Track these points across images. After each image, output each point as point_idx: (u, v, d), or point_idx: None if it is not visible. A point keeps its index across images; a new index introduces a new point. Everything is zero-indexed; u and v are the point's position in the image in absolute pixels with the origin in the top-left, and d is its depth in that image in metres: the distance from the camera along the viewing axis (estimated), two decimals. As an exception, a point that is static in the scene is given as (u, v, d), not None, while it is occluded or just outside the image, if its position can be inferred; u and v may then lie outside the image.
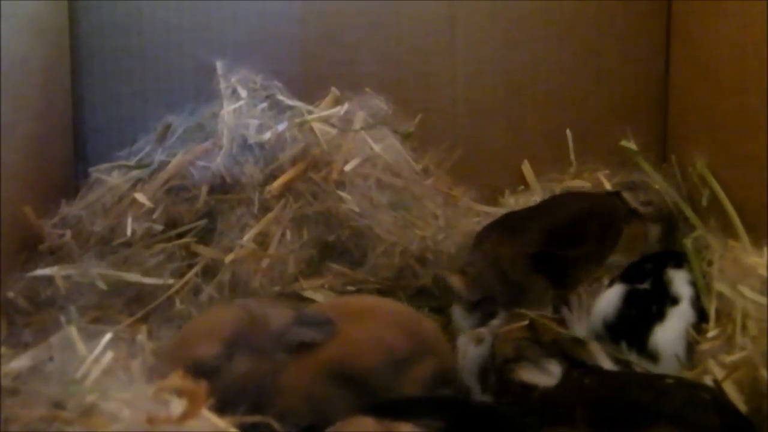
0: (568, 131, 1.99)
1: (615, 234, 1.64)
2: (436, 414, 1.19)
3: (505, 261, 1.56)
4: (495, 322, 1.51)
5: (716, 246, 1.57)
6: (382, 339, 1.34)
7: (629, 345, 1.48)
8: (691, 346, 1.45)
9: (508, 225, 1.63)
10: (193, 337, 1.33)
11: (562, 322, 1.52)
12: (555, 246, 1.57)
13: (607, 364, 1.42)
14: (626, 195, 1.80)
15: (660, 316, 1.50)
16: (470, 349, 1.46)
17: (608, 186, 1.89)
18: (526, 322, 1.42)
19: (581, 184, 1.93)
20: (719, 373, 1.33)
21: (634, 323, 1.50)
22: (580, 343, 1.44)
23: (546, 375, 1.33)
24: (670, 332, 1.48)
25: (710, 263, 1.55)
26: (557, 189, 1.93)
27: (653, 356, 1.46)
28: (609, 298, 1.55)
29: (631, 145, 1.89)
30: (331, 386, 1.29)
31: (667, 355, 1.45)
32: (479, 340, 1.46)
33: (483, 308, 1.54)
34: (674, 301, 1.52)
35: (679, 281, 1.55)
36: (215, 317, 1.38)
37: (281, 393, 1.28)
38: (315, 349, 1.30)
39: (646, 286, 1.56)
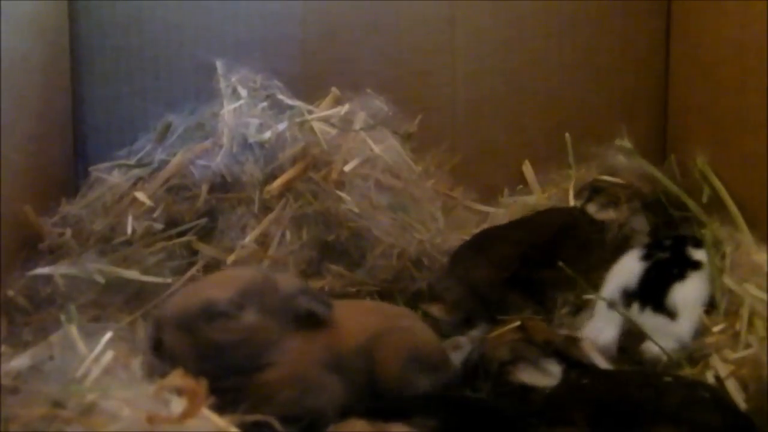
0: (567, 135, 1.99)
1: (588, 253, 1.65)
2: (430, 413, 1.19)
3: (480, 284, 1.57)
4: (474, 332, 1.52)
5: (728, 240, 1.56)
6: (364, 322, 1.36)
7: (644, 303, 1.47)
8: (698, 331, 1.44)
9: (482, 246, 1.64)
10: (207, 283, 1.35)
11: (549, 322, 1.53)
12: (529, 267, 1.59)
13: (600, 361, 1.42)
14: (591, 205, 1.80)
15: (681, 277, 1.49)
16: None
17: (572, 197, 1.88)
18: (517, 323, 1.42)
19: (546, 202, 1.91)
20: (723, 369, 1.32)
21: (652, 282, 1.50)
22: (573, 341, 1.43)
23: (545, 375, 1.33)
24: (690, 290, 1.47)
25: (723, 256, 1.53)
26: (557, 189, 1.94)
27: (671, 312, 1.45)
28: (627, 264, 1.55)
29: (626, 143, 1.89)
30: (321, 369, 1.30)
31: (686, 313, 1.45)
32: (456, 348, 1.47)
33: (466, 324, 1.56)
34: (695, 265, 1.52)
35: (700, 254, 1.54)
36: (231, 272, 1.42)
37: (277, 362, 1.27)
38: (311, 333, 1.30)
39: (666, 255, 1.56)
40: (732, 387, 1.30)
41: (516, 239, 1.64)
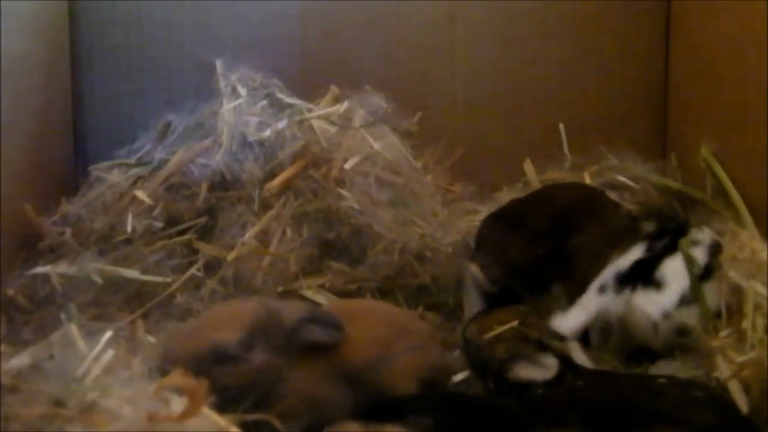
0: (561, 126, 1.98)
1: (604, 221, 1.65)
2: (424, 412, 1.18)
3: (517, 261, 1.58)
4: None
5: (731, 234, 1.54)
6: (375, 336, 1.35)
7: (635, 283, 1.46)
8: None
9: (511, 223, 1.63)
10: (213, 322, 1.31)
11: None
12: (559, 238, 1.58)
13: (582, 359, 1.40)
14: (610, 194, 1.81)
15: (672, 251, 1.48)
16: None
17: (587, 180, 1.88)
18: (515, 323, 1.41)
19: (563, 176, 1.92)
20: (725, 370, 1.31)
21: (645, 263, 1.50)
22: (561, 339, 1.41)
23: (542, 369, 1.33)
24: (680, 262, 1.46)
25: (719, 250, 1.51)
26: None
27: (658, 284, 1.45)
28: (628, 255, 1.54)
29: (609, 157, 1.89)
30: (330, 385, 1.30)
31: (673, 283, 1.44)
32: None
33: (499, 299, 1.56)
34: (692, 243, 1.50)
35: (701, 234, 1.53)
36: (234, 307, 1.37)
37: (286, 393, 1.27)
38: (319, 351, 1.30)
39: (665, 241, 1.55)
40: (735, 388, 1.28)
41: (539, 213, 1.64)
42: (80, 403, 1.01)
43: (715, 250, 1.50)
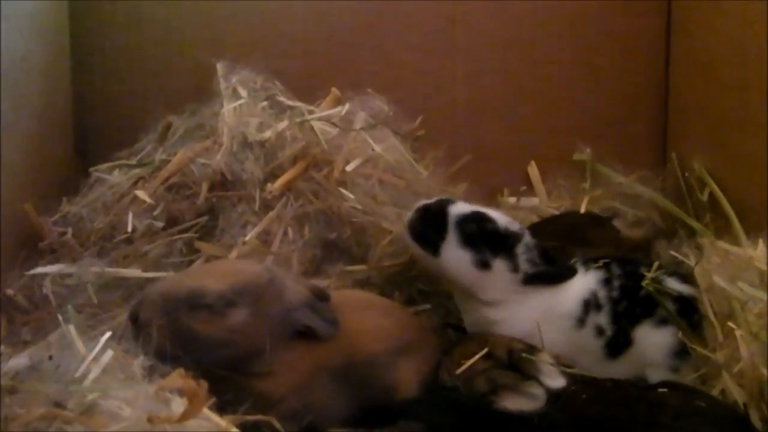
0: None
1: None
2: (416, 416, 1.18)
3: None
4: None
5: (709, 244, 1.53)
6: (382, 328, 1.35)
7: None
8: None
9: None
10: (208, 270, 1.29)
11: None
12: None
13: (553, 372, 1.32)
14: (616, 221, 1.81)
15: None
16: None
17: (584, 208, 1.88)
18: (485, 351, 1.34)
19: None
20: (735, 389, 1.28)
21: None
22: (531, 352, 1.34)
23: (530, 399, 1.26)
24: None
25: (698, 261, 1.49)
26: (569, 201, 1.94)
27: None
28: None
29: (584, 157, 1.89)
30: (332, 379, 1.28)
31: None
32: None
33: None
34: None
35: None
36: (238, 264, 1.35)
37: (266, 372, 1.24)
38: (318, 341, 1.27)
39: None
40: (733, 389, 1.28)
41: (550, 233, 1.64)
42: (80, 404, 1.01)
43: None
